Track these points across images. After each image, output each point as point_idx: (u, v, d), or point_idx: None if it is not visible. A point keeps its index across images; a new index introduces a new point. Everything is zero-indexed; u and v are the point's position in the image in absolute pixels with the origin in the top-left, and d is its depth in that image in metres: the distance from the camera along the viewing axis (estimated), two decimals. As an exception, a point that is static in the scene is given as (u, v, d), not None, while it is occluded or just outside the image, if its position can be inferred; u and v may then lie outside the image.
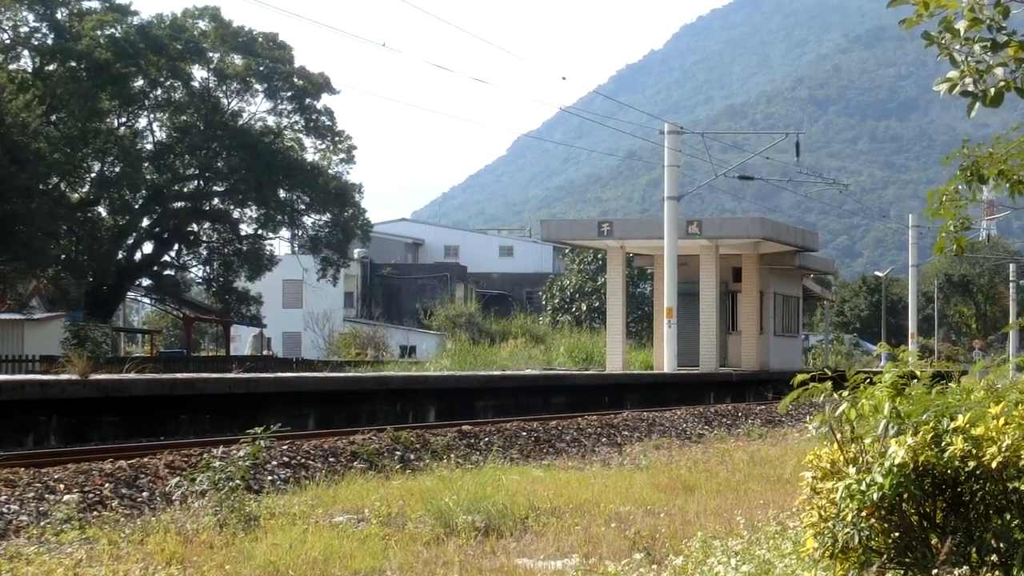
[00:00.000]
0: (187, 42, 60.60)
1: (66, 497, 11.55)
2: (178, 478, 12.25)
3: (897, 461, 5.67)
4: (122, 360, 37.84)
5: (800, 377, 6.26)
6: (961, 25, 6.04)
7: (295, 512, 11.11)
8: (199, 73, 62.51)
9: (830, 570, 5.97)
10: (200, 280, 66.12)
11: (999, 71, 6.12)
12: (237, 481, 11.20)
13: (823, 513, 5.96)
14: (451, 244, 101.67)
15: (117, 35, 58.49)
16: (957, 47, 6.12)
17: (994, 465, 5.64)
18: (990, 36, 6.15)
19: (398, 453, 16.52)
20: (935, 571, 5.60)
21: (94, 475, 12.72)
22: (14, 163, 45.37)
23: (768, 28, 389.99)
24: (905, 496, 5.74)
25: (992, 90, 6.15)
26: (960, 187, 7.55)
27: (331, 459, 15.49)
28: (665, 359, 37.53)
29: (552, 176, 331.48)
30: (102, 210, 60.68)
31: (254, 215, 64.17)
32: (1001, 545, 5.69)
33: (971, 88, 6.15)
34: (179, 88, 61.87)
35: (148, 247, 63.55)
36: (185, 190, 62.58)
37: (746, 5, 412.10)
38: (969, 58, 6.10)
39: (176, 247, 64.03)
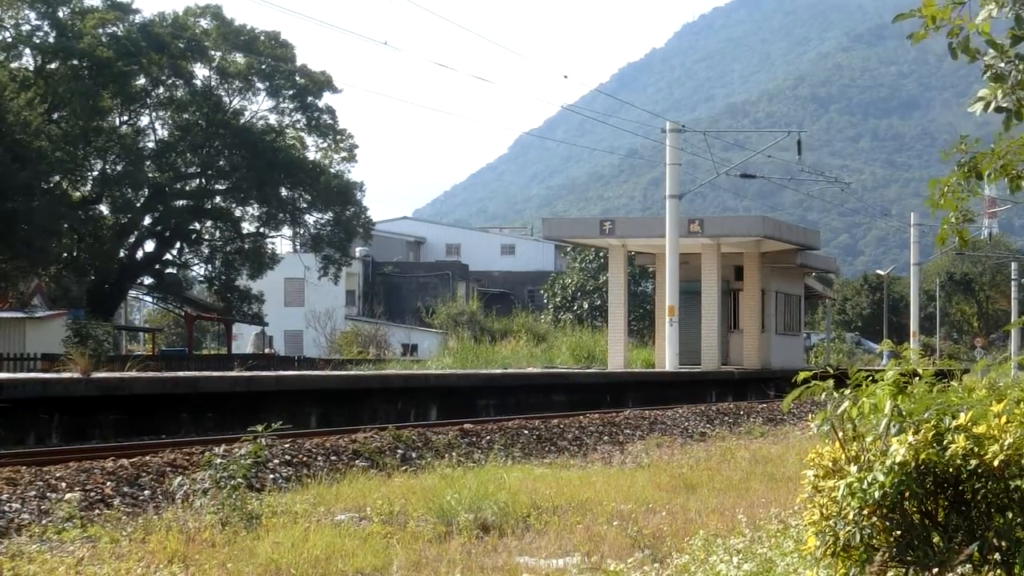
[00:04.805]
0: (189, 40, 60.66)
1: (68, 495, 11.55)
2: (180, 476, 12.25)
3: (899, 459, 5.67)
4: (123, 358, 37.86)
5: (803, 375, 6.26)
6: (1005, 42, 6.05)
7: (297, 510, 11.12)
8: (201, 71, 62.65)
9: (831, 568, 5.97)
10: (202, 278, 66.16)
11: None
12: (239, 479, 11.20)
13: (824, 511, 5.96)
14: (453, 242, 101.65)
15: (119, 33, 58.54)
16: (1002, 64, 6.11)
17: (996, 463, 5.63)
18: None
19: (400, 451, 16.52)
20: (935, 570, 5.60)
21: (95, 473, 12.72)
22: (16, 161, 45.37)
23: (770, 27, 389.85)
24: (907, 494, 5.74)
25: None
26: (960, 182, 7.54)
27: (333, 457, 15.50)
28: (667, 357, 37.53)
29: (554, 174, 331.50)
30: (104, 208, 60.71)
31: (256, 213, 64.25)
32: (1003, 543, 5.68)
33: (1005, 104, 6.13)
34: (181, 86, 61.93)
35: (150, 245, 63.63)
36: (187, 188, 62.61)
37: (747, 4, 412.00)
38: (1013, 75, 6.11)
39: (178, 245, 64.06)
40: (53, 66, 57.55)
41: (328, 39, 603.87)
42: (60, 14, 57.66)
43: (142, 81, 60.57)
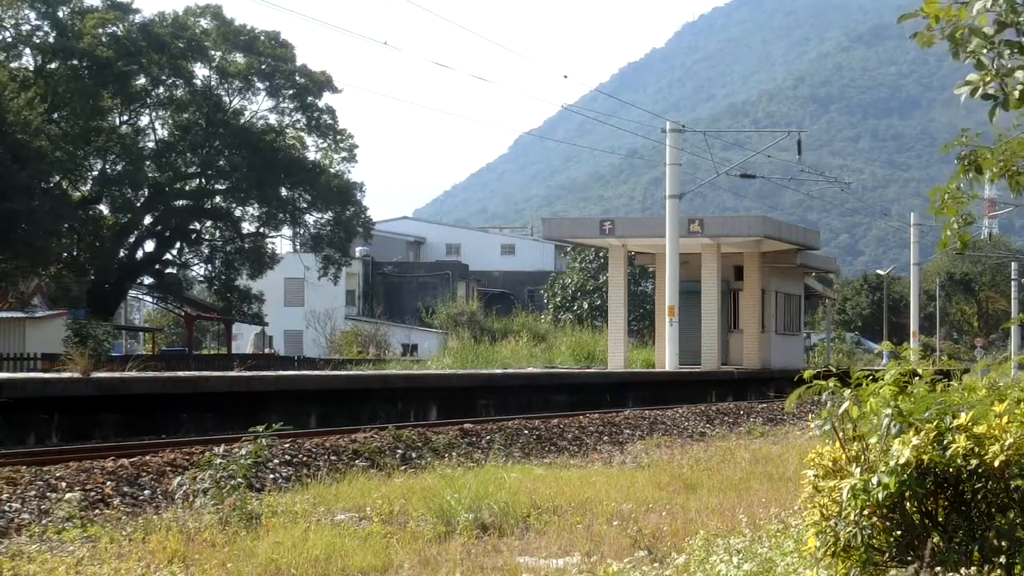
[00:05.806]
0: (189, 40, 60.65)
1: (68, 495, 11.55)
2: (180, 476, 12.24)
3: (902, 460, 5.66)
4: (124, 358, 37.86)
5: (807, 372, 6.26)
6: (989, 29, 6.03)
7: (297, 510, 11.12)
8: (201, 71, 62.64)
9: (831, 568, 5.97)
10: (202, 278, 66.15)
11: (1020, 74, 6.10)
12: (239, 479, 11.20)
13: (825, 511, 5.96)
14: (453, 242, 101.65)
15: (119, 33, 58.54)
16: (984, 51, 6.10)
17: (996, 463, 5.63)
18: (1017, 40, 6.14)
19: (400, 451, 16.52)
20: (937, 569, 5.59)
21: (96, 473, 12.72)
22: (16, 161, 45.36)
23: (770, 26, 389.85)
24: (907, 495, 5.74)
25: (1016, 92, 6.13)
26: (961, 184, 7.53)
27: (333, 457, 15.49)
28: (667, 357, 37.53)
29: (554, 174, 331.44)
30: (104, 208, 60.72)
31: (256, 213, 64.23)
32: (1003, 543, 5.68)
33: (993, 91, 6.13)
34: (181, 86, 61.92)
35: (150, 245, 63.62)
36: (187, 188, 62.61)
37: (748, 3, 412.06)
38: (996, 61, 6.09)
39: (178, 245, 64.06)
40: (53, 66, 57.54)
41: (328, 39, 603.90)
42: (60, 14, 57.64)
43: (142, 81, 60.55)
